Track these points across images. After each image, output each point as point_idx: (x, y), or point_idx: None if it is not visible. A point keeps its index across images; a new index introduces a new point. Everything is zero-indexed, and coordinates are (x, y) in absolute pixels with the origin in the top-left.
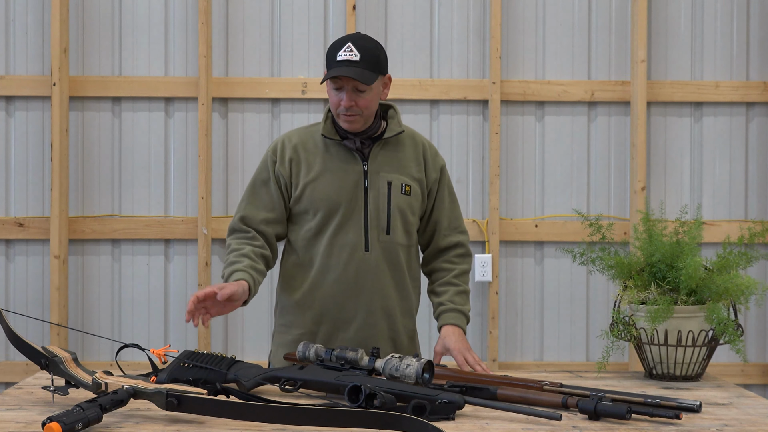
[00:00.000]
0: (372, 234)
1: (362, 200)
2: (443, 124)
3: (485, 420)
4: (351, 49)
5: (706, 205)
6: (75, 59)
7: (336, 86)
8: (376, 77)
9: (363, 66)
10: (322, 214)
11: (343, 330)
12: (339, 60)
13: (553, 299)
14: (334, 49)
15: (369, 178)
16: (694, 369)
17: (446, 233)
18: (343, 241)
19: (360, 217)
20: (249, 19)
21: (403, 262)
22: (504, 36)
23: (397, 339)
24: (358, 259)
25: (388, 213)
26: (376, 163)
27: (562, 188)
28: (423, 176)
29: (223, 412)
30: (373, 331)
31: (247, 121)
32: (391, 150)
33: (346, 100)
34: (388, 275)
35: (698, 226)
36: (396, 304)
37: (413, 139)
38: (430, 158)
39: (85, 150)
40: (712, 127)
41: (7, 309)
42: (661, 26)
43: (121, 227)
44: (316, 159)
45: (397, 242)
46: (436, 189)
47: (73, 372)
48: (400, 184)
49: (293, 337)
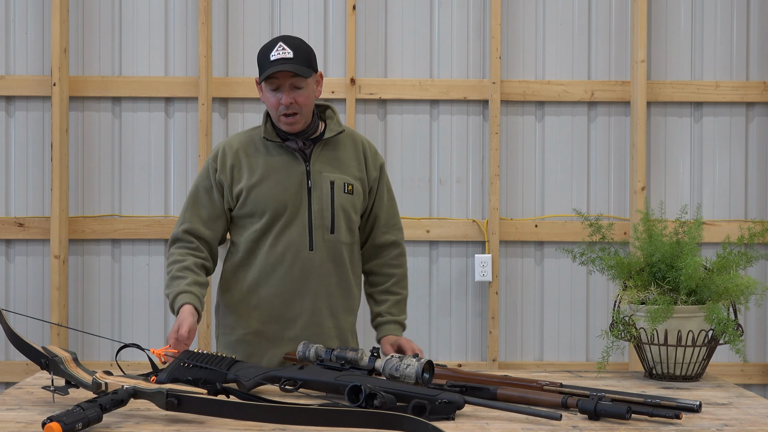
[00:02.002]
0: (317, 234)
1: (306, 200)
2: (443, 124)
3: (485, 420)
4: (283, 47)
5: (706, 205)
6: (75, 59)
7: (273, 87)
8: (311, 72)
9: (297, 62)
10: (268, 216)
11: (290, 328)
12: (273, 59)
13: (553, 299)
14: (265, 51)
15: (312, 178)
16: (694, 369)
17: (384, 230)
18: (288, 241)
19: (304, 217)
20: (249, 19)
21: (347, 261)
22: (504, 36)
23: (342, 336)
24: (303, 259)
25: (332, 212)
26: (319, 163)
27: (562, 188)
28: (364, 175)
29: (223, 412)
30: (318, 329)
31: (247, 121)
32: (332, 150)
33: (285, 98)
34: (333, 274)
35: (698, 226)
36: (340, 302)
37: (353, 138)
38: (370, 157)
39: (85, 150)
40: (712, 127)
41: (7, 309)
42: (661, 26)
43: (121, 227)
44: (258, 162)
45: (341, 241)
46: (376, 187)
47: (73, 372)
48: (343, 183)
49: (238, 337)
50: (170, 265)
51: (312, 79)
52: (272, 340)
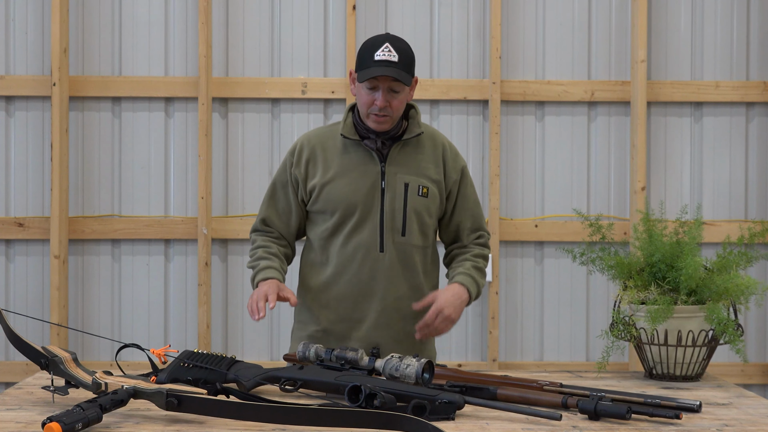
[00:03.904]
0: (387, 235)
1: (379, 201)
2: (443, 124)
3: (485, 420)
4: (389, 49)
5: (706, 205)
6: (75, 59)
7: (371, 86)
8: (411, 79)
9: (401, 67)
10: (338, 214)
11: (357, 329)
12: (378, 60)
13: (553, 299)
14: (370, 48)
15: (386, 179)
16: (694, 369)
17: (469, 233)
18: (358, 242)
19: (376, 218)
20: (249, 19)
21: (418, 264)
22: (504, 36)
23: (409, 340)
24: (373, 260)
25: (404, 215)
26: (394, 164)
27: (562, 188)
28: (442, 178)
29: (223, 412)
30: (385, 332)
31: (247, 121)
32: (411, 151)
33: (381, 101)
34: (402, 277)
35: (698, 226)
36: (409, 305)
37: (433, 139)
38: (450, 159)
39: (85, 150)
40: (712, 127)
41: (7, 309)
42: (661, 26)
43: (121, 227)
44: (334, 159)
45: (413, 244)
46: (457, 190)
47: (73, 372)
48: (417, 186)
49: (309, 333)
50: (255, 250)
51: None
52: (340, 339)
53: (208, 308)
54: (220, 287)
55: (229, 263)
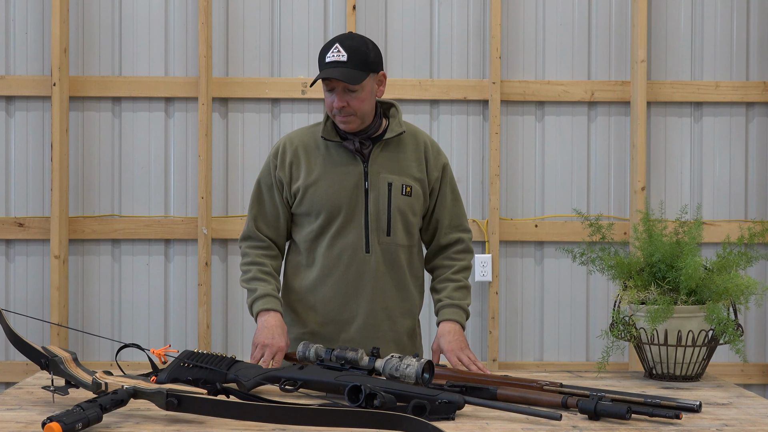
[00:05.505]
0: (372, 236)
1: (363, 202)
2: (443, 124)
3: (485, 420)
4: (338, 49)
5: (706, 205)
6: (75, 59)
7: (328, 88)
8: (364, 76)
9: (350, 66)
10: (323, 216)
11: (345, 331)
12: (327, 62)
13: (553, 299)
14: (323, 50)
15: (369, 179)
16: (694, 369)
17: (447, 231)
18: (344, 243)
19: (361, 219)
20: (249, 19)
21: (404, 263)
22: (504, 36)
23: (399, 339)
24: (359, 261)
25: (389, 215)
26: (377, 164)
27: (562, 188)
28: (424, 176)
29: (223, 412)
30: (374, 332)
31: (247, 121)
32: (392, 150)
33: (337, 102)
34: (389, 277)
35: (698, 226)
36: (397, 304)
37: (415, 137)
38: (432, 157)
39: (85, 150)
40: (712, 127)
41: (7, 309)
42: (661, 26)
43: (121, 227)
44: (317, 161)
45: (398, 243)
46: (438, 187)
47: (73, 372)
48: (401, 185)
49: (295, 335)
50: (248, 266)
51: (369, 81)
52: (328, 341)
53: (208, 308)
54: (220, 287)
55: (229, 263)
